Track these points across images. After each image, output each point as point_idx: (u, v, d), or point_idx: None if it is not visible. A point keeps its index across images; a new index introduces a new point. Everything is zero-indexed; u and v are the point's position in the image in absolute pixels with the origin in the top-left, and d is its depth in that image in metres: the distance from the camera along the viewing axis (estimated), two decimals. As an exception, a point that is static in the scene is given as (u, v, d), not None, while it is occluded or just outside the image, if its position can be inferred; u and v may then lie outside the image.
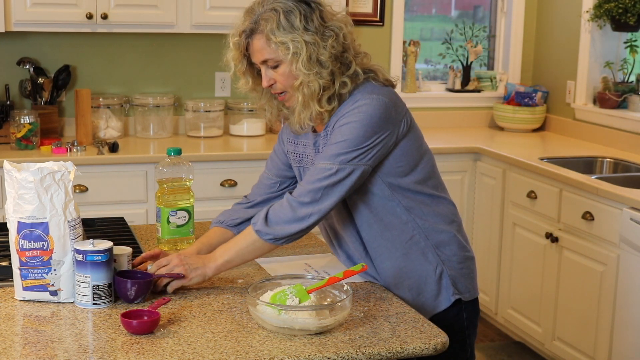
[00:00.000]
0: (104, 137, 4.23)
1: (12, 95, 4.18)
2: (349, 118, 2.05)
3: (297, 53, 2.03)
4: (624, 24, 4.30)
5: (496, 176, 4.23)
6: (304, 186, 2.06)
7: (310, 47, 2.03)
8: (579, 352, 3.64)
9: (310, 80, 2.04)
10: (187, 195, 2.43)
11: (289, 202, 2.06)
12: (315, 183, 2.04)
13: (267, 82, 2.10)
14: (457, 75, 5.08)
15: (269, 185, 2.34)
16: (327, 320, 1.84)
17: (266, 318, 1.83)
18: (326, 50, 2.04)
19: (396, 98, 2.10)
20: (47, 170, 1.97)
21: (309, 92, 2.05)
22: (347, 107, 2.08)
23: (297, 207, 2.05)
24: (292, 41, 2.02)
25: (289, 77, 2.07)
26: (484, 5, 5.24)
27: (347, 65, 2.09)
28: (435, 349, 1.82)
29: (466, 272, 2.22)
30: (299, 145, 2.24)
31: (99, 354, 1.71)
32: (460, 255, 2.21)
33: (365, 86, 2.10)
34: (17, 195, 1.97)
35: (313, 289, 1.92)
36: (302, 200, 2.05)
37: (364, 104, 2.05)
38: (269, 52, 2.06)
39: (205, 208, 3.83)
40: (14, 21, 3.88)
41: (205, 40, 4.48)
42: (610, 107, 4.47)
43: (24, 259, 1.98)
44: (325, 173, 2.04)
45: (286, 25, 2.03)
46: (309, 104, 2.07)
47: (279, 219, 2.06)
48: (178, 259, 2.07)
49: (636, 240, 3.26)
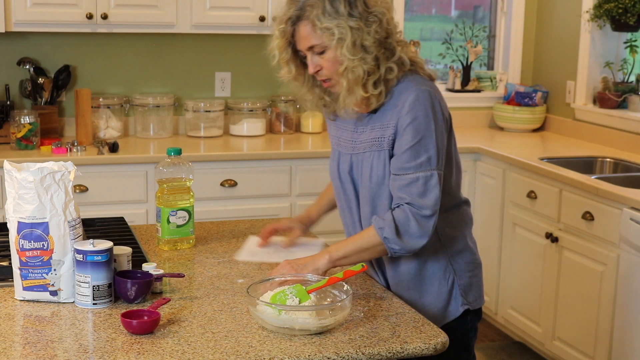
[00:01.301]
0: (104, 137, 4.23)
1: (12, 95, 4.18)
2: (414, 113, 2.05)
3: (342, 39, 2.03)
4: (624, 24, 4.30)
5: (496, 176, 4.23)
6: (418, 199, 2.04)
7: (355, 33, 2.03)
8: (579, 352, 3.64)
9: (354, 66, 2.04)
10: (187, 195, 2.43)
11: (414, 215, 2.04)
12: (429, 195, 2.05)
13: (314, 69, 2.10)
14: (457, 75, 5.08)
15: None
16: (327, 320, 1.84)
17: (266, 318, 1.83)
18: (370, 36, 2.04)
19: (440, 93, 2.13)
20: (47, 170, 1.97)
21: (354, 77, 2.05)
22: (403, 96, 2.08)
23: (423, 222, 2.05)
24: (337, 27, 2.03)
25: (335, 63, 2.07)
26: (484, 5, 5.24)
27: (392, 51, 2.09)
28: (435, 349, 1.82)
29: (475, 281, 2.24)
30: (339, 129, 2.26)
31: (99, 354, 1.71)
32: (471, 263, 2.23)
33: (414, 77, 2.11)
34: (17, 195, 1.97)
35: (313, 289, 1.92)
36: (424, 213, 2.04)
37: (423, 96, 2.06)
38: (315, 38, 2.06)
39: (205, 208, 3.84)
40: (14, 21, 3.88)
41: (205, 40, 4.48)
42: (610, 107, 4.47)
43: (24, 259, 1.98)
44: (427, 181, 2.05)
45: (331, 11, 2.03)
46: (353, 90, 2.07)
47: (410, 233, 2.05)
48: (286, 262, 2.09)
49: (636, 240, 3.26)
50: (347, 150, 2.22)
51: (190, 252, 2.42)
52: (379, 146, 2.12)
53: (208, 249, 2.45)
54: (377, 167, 2.13)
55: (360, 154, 2.18)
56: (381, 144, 2.12)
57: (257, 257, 2.37)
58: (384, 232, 2.04)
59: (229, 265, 2.30)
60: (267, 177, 4.07)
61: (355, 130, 2.20)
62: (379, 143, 2.13)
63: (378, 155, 2.13)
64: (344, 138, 2.24)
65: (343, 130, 2.24)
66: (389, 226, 2.04)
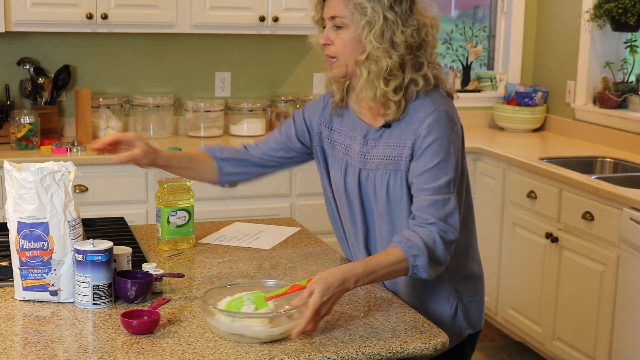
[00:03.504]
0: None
1: (12, 95, 4.18)
2: (434, 134, 1.99)
3: (372, 23, 1.96)
4: (624, 24, 4.30)
5: (496, 176, 4.23)
6: (441, 222, 1.95)
7: (388, 24, 1.97)
8: (579, 352, 3.64)
9: (378, 56, 1.97)
10: (187, 195, 2.43)
11: (444, 241, 1.95)
12: (450, 219, 1.96)
13: (324, 40, 2.04)
14: (457, 75, 5.08)
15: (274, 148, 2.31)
16: (277, 329, 1.76)
17: (217, 325, 1.78)
18: (403, 35, 1.97)
19: (457, 112, 2.08)
20: (47, 170, 1.97)
21: (377, 68, 1.98)
22: (420, 114, 2.01)
23: (449, 247, 1.96)
24: (372, 9, 1.95)
25: (348, 44, 2.00)
26: (484, 5, 5.24)
27: (420, 64, 2.02)
28: (435, 349, 1.82)
29: (476, 306, 2.21)
30: (347, 137, 2.17)
31: (99, 354, 1.71)
32: (474, 284, 2.20)
33: (432, 94, 2.04)
34: (17, 195, 1.97)
35: (272, 296, 1.85)
36: (449, 237, 1.96)
37: (442, 116, 2.00)
38: (341, 9, 1.99)
39: (205, 208, 3.83)
40: (14, 21, 3.88)
41: (205, 40, 4.48)
42: (610, 107, 4.47)
43: (24, 259, 1.98)
44: (450, 205, 1.97)
45: None
46: (373, 82, 1.99)
47: (437, 259, 1.94)
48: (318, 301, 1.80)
49: (636, 240, 3.26)
50: (356, 163, 2.14)
51: (190, 252, 2.42)
52: (396, 165, 2.06)
53: (208, 249, 2.45)
54: (394, 187, 2.07)
55: (372, 170, 2.10)
56: (398, 164, 2.05)
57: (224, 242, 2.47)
58: (417, 260, 1.92)
59: (229, 265, 2.30)
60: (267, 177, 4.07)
61: (365, 143, 2.12)
62: (395, 162, 2.06)
63: (395, 175, 2.06)
64: (353, 149, 2.15)
65: (352, 140, 2.16)
66: (423, 254, 1.91)
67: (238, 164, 2.30)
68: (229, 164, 2.29)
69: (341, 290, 1.85)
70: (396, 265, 1.92)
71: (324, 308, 1.81)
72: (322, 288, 1.80)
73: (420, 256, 1.92)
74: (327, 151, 2.25)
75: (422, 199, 1.99)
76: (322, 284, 1.81)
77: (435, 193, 1.97)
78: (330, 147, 2.23)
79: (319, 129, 2.25)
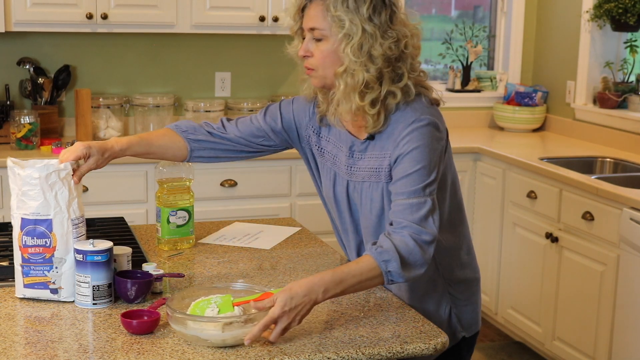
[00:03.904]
0: (104, 137, 4.22)
1: (12, 95, 4.18)
2: (415, 142, 1.96)
3: (350, 36, 1.93)
4: (624, 24, 4.30)
5: (496, 176, 4.23)
6: (414, 225, 1.91)
7: (366, 37, 1.94)
8: (579, 352, 3.64)
9: (355, 69, 1.94)
10: (187, 195, 2.43)
11: (418, 243, 1.90)
12: (427, 220, 1.92)
13: (303, 52, 2.02)
14: (457, 76, 5.08)
15: (256, 135, 2.24)
16: (229, 334, 1.73)
17: (173, 325, 1.77)
18: (381, 48, 1.94)
19: (441, 118, 2.04)
20: (53, 168, 1.97)
21: (352, 82, 1.95)
22: (400, 125, 1.99)
23: (426, 248, 1.91)
24: (350, 21, 1.93)
25: (327, 57, 1.98)
26: (484, 5, 5.24)
27: (399, 76, 1.99)
28: (435, 349, 1.82)
29: (471, 309, 2.21)
30: (334, 147, 2.15)
31: (99, 354, 1.71)
32: (468, 287, 2.19)
33: (414, 104, 2.01)
34: (20, 192, 1.97)
35: (241, 302, 1.83)
36: (424, 239, 1.90)
37: (422, 125, 1.97)
38: (320, 21, 1.97)
39: (205, 208, 3.84)
40: (14, 21, 3.88)
41: (205, 40, 4.48)
42: (610, 107, 4.47)
43: (26, 255, 1.98)
44: (426, 207, 1.92)
45: (352, 5, 1.94)
46: (349, 96, 1.97)
47: (412, 262, 1.89)
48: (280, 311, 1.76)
49: (636, 240, 3.26)
50: (344, 174, 2.12)
51: (190, 252, 2.42)
52: (377, 177, 2.05)
53: (208, 249, 2.45)
54: (376, 200, 2.06)
55: (359, 182, 2.09)
56: (379, 175, 2.04)
57: (224, 242, 2.48)
58: (389, 265, 1.87)
59: (229, 265, 2.30)
60: (267, 177, 4.07)
61: (351, 155, 2.10)
62: (376, 174, 2.05)
63: (376, 187, 2.05)
64: (340, 160, 2.13)
65: (339, 150, 2.14)
66: (394, 259, 1.87)
67: (212, 148, 2.24)
68: (201, 146, 2.23)
69: (308, 301, 1.79)
70: (368, 273, 1.87)
71: (286, 318, 1.76)
72: (285, 297, 1.76)
73: (392, 261, 1.87)
74: (316, 157, 2.23)
75: (398, 204, 1.95)
76: (286, 294, 1.77)
77: (410, 197, 1.94)
78: (319, 154, 2.21)
79: (307, 133, 2.22)
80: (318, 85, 2.06)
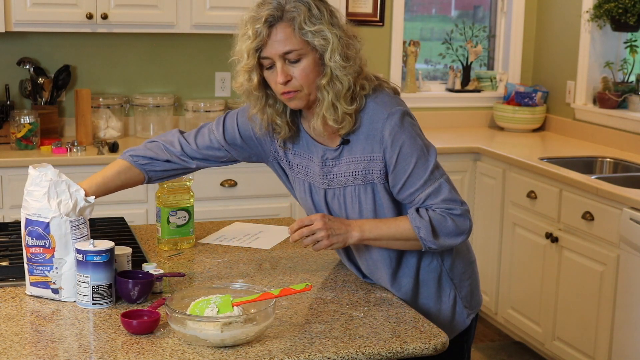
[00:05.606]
0: (104, 137, 4.23)
1: (12, 95, 4.18)
2: (399, 140, 1.97)
3: (332, 42, 1.91)
4: (624, 24, 4.30)
5: (496, 176, 4.23)
6: (442, 205, 2.00)
7: (343, 41, 1.94)
8: (579, 352, 3.64)
9: (338, 75, 1.93)
10: (187, 195, 2.43)
11: (449, 215, 1.99)
12: (449, 199, 2.00)
13: (284, 78, 1.93)
14: (457, 75, 5.09)
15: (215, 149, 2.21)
16: (228, 334, 1.73)
17: (176, 327, 1.76)
18: (354, 47, 1.96)
19: (406, 105, 2.05)
20: (65, 179, 2.02)
21: (339, 88, 1.94)
22: (376, 124, 1.98)
23: (458, 220, 2.00)
24: (329, 31, 1.91)
25: (310, 73, 1.94)
26: (484, 5, 5.25)
27: (361, 67, 1.99)
28: (435, 349, 1.82)
29: (472, 289, 2.21)
30: (304, 158, 2.13)
31: (99, 354, 1.71)
32: (467, 268, 2.20)
33: (379, 97, 2.01)
34: (26, 192, 2.01)
35: (240, 302, 1.83)
36: (455, 212, 2.00)
37: (398, 118, 1.97)
38: (293, 43, 1.92)
39: (205, 208, 3.84)
40: (14, 21, 3.88)
41: (205, 40, 4.48)
42: (610, 107, 4.47)
43: (29, 254, 2.01)
44: (444, 188, 2.00)
45: (318, 15, 1.92)
46: (335, 104, 1.95)
47: (446, 232, 2.00)
48: (322, 222, 1.97)
49: (636, 240, 3.26)
50: (320, 184, 2.10)
51: (190, 252, 2.42)
52: (365, 179, 2.03)
53: (208, 249, 2.45)
54: (365, 202, 2.05)
55: (339, 188, 2.07)
56: (368, 178, 2.03)
57: (224, 242, 2.49)
58: (420, 232, 1.98)
59: (229, 265, 2.30)
60: (267, 177, 4.07)
61: (325, 163, 2.07)
62: (364, 176, 2.03)
63: (365, 189, 2.04)
64: (313, 170, 2.11)
65: (309, 161, 2.11)
66: (425, 227, 1.98)
67: (170, 171, 2.25)
68: (161, 176, 2.25)
69: (345, 230, 1.99)
70: (403, 232, 2.00)
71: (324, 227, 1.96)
72: (326, 214, 2.01)
73: (422, 229, 1.99)
74: (286, 170, 2.21)
75: (419, 198, 2.02)
76: (326, 215, 2.00)
77: (425, 188, 2.00)
78: (288, 167, 2.18)
79: (273, 147, 2.18)
80: (301, 106, 2.00)
